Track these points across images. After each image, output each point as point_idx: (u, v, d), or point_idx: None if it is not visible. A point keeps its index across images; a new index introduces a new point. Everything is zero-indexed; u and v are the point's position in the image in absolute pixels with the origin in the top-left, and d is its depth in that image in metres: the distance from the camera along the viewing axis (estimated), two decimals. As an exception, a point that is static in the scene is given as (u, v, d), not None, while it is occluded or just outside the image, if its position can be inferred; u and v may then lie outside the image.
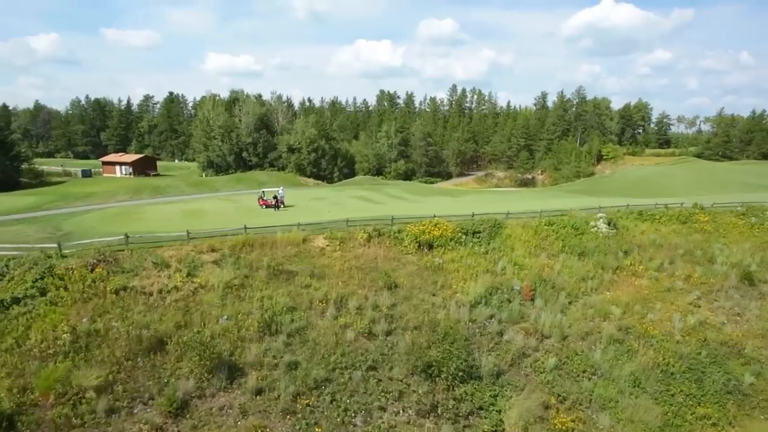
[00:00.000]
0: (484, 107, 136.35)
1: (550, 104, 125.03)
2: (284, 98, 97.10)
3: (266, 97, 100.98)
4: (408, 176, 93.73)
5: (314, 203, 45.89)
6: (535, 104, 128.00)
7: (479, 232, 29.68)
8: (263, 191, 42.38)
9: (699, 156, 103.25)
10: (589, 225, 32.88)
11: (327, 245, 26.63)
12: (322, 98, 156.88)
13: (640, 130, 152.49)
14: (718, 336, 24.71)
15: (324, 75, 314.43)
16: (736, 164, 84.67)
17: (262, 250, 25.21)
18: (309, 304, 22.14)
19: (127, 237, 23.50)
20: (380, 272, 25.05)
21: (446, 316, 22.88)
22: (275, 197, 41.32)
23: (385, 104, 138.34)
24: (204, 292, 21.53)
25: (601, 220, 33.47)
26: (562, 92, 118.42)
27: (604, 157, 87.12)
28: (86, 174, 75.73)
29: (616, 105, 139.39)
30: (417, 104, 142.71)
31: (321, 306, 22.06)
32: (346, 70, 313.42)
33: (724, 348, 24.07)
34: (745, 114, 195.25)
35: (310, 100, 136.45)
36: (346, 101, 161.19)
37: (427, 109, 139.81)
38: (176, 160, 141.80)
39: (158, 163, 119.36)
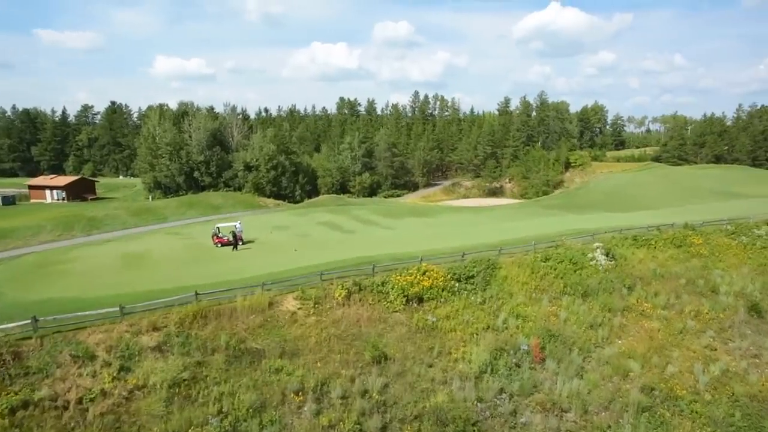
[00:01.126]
0: (447, 113, 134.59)
1: (512, 108, 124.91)
2: (239, 110, 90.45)
3: (219, 108, 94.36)
4: (373, 190, 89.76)
5: (277, 236, 40.92)
6: (498, 110, 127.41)
7: (473, 277, 25.99)
8: (218, 227, 36.96)
9: (657, 159, 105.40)
10: (587, 257, 30.00)
11: (299, 308, 22.06)
12: (279, 107, 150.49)
13: (598, 132, 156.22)
14: (744, 388, 22.14)
15: (279, 78, 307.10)
16: (695, 169, 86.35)
17: (219, 322, 20.32)
18: (281, 398, 17.59)
19: (36, 321, 17.98)
20: (365, 341, 20.82)
21: (449, 397, 18.95)
22: (233, 233, 36.15)
23: (346, 111, 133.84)
24: (142, 396, 16.53)
25: (599, 250, 30.72)
26: (524, 97, 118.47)
27: (572, 164, 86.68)
28: (8, 201, 65.56)
29: (564, 102, 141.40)
30: (379, 111, 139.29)
31: (297, 400, 17.55)
32: (302, 73, 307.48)
33: (754, 404, 21.49)
34: (687, 114, 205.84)
35: (266, 110, 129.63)
36: (305, 109, 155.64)
37: (389, 116, 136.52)
38: (121, 176, 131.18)
39: (101, 180, 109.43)
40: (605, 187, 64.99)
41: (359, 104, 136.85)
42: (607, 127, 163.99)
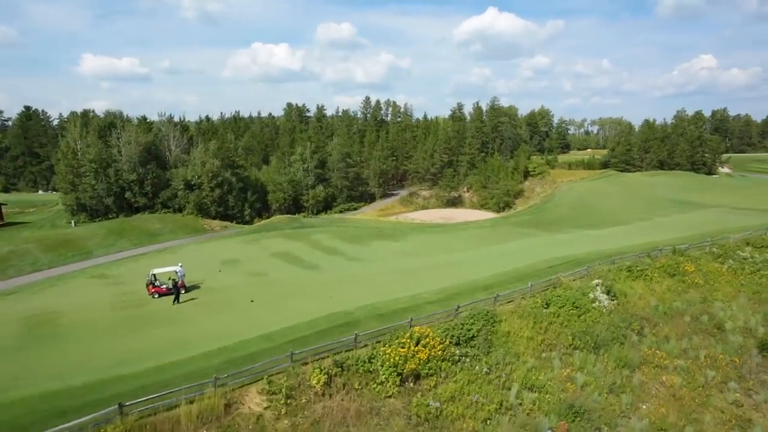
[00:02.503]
0: (399, 118, 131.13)
1: (465, 114, 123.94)
2: (177, 118, 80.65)
3: (153, 116, 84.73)
4: (328, 203, 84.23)
5: (227, 276, 34.84)
6: (451, 116, 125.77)
7: (473, 338, 21.86)
8: (153, 275, 30.28)
9: (606, 164, 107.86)
10: (588, 297, 26.97)
11: (266, 407, 16.80)
12: (221, 113, 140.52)
13: (545, 136, 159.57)
14: (786, 457, 19.57)
15: (220, 79, 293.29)
16: (646, 176, 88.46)
17: (155, 446, 14.68)
18: None
19: None
20: (357, 450, 15.99)
21: None
22: (173, 280, 29.83)
23: (293, 117, 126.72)
24: None
25: (599, 288, 27.87)
26: (477, 103, 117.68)
27: (531, 173, 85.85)
28: None
29: (513, 107, 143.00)
30: (328, 115, 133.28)
31: None
32: (244, 74, 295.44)
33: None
34: (615, 114, 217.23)
35: (208, 119, 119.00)
36: (250, 115, 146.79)
37: (340, 121, 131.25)
38: (40, 191, 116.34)
39: (16, 195, 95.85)
40: (570, 200, 63.83)
41: (308, 110, 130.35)
42: (553, 130, 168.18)
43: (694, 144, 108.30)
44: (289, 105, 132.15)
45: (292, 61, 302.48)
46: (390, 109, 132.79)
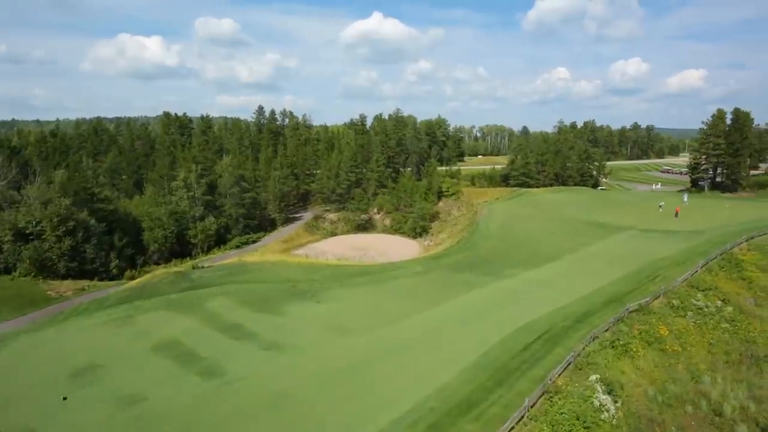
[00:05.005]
0: (297, 128, 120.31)
1: (368, 126, 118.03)
2: (11, 130, 60.95)
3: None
4: (221, 237, 71.14)
5: (78, 409, 22.96)
6: (353, 128, 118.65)
7: None
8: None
9: (506, 178, 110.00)
10: (592, 404, 21.63)
11: None
12: (76, 119, 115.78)
13: (443, 146, 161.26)
14: None
15: (77, 72, 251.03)
16: (550, 192, 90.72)
17: None
18: None
19: None
20: None
21: None
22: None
23: (173, 130, 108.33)
24: None
25: (599, 389, 22.65)
26: (380, 115, 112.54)
27: (445, 193, 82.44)
28: None
29: (412, 117, 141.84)
30: (215, 128, 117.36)
31: None
32: (108, 68, 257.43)
33: None
34: (495, 121, 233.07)
35: (55, 134, 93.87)
36: (117, 121, 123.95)
37: (230, 134, 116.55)
38: None
39: None
40: (494, 229, 60.57)
41: (190, 121, 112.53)
42: (449, 139, 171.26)
43: (582, 157, 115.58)
44: (167, 115, 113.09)
45: (167, 56, 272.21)
46: (287, 120, 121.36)
